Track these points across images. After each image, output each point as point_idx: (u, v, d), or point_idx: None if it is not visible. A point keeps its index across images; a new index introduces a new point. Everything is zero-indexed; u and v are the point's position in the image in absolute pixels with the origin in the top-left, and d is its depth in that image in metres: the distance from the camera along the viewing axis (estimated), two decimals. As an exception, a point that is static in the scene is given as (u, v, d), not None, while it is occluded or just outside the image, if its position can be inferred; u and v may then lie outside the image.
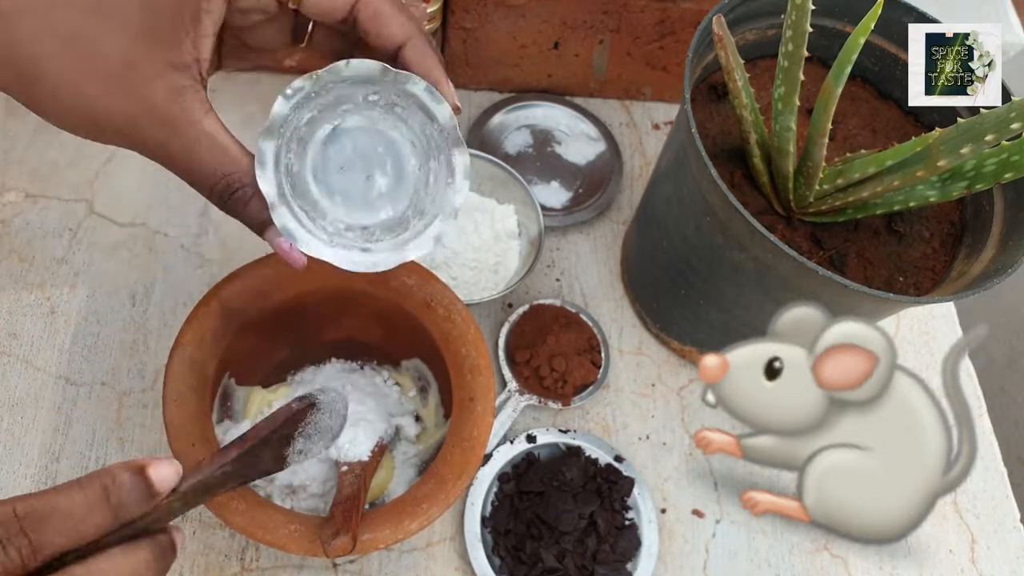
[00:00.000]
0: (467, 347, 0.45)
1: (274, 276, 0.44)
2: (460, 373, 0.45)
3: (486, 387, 0.44)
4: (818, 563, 0.56)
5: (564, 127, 0.71)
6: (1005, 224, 0.51)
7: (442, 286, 0.45)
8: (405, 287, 0.45)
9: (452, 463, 0.43)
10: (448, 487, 0.42)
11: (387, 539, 0.41)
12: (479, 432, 0.43)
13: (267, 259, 0.44)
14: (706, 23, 0.49)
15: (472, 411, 0.44)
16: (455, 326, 0.45)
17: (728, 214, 0.47)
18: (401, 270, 0.42)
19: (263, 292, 0.44)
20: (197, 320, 0.43)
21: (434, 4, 0.58)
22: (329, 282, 0.45)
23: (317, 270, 0.36)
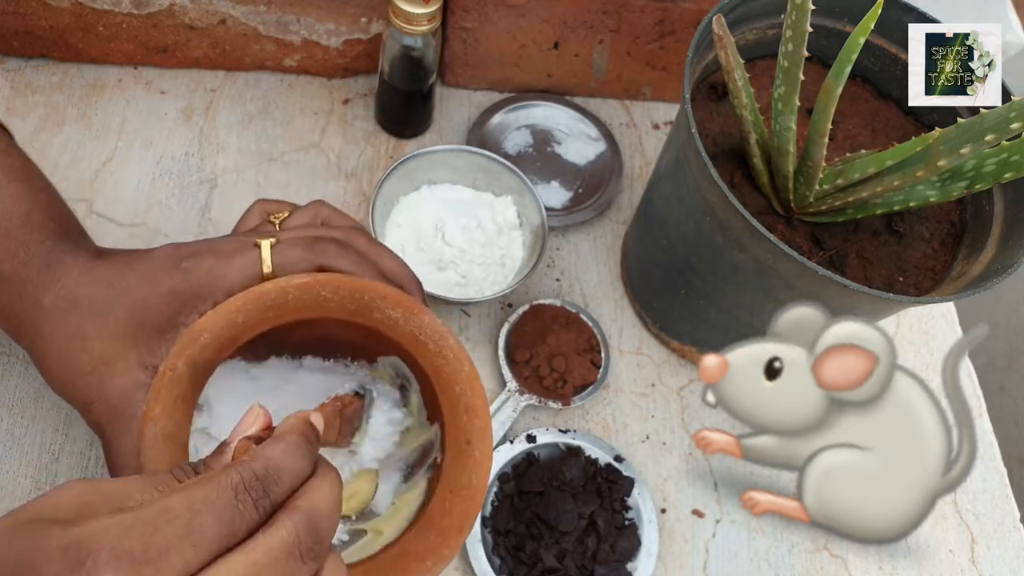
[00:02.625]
0: (461, 385, 0.41)
1: (244, 319, 0.39)
2: (455, 413, 0.42)
3: (482, 430, 0.41)
4: (818, 563, 0.56)
5: (564, 127, 0.71)
6: (1005, 224, 0.51)
7: (431, 319, 0.41)
8: (389, 320, 0.41)
9: (452, 514, 0.40)
10: (451, 541, 0.40)
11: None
12: (478, 480, 0.40)
13: (237, 303, 0.39)
14: (706, 23, 0.49)
15: (469, 456, 0.41)
16: (447, 363, 0.41)
17: (728, 214, 0.47)
18: (384, 303, 0.40)
19: (232, 337, 0.39)
20: (165, 389, 0.37)
21: (434, 4, 0.58)
22: (304, 315, 0.40)
23: (291, 304, 0.36)
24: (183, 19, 0.65)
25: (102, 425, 0.40)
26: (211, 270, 0.41)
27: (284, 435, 0.29)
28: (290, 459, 0.28)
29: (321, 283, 0.38)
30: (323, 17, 0.66)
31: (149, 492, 0.25)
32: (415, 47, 0.61)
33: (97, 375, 0.40)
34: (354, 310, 0.40)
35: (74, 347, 0.40)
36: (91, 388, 0.40)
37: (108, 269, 0.41)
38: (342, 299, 0.39)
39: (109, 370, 0.40)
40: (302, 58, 0.69)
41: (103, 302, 0.40)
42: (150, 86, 0.68)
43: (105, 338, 0.40)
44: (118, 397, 0.40)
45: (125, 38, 0.66)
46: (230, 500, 0.25)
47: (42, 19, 0.64)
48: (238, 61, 0.69)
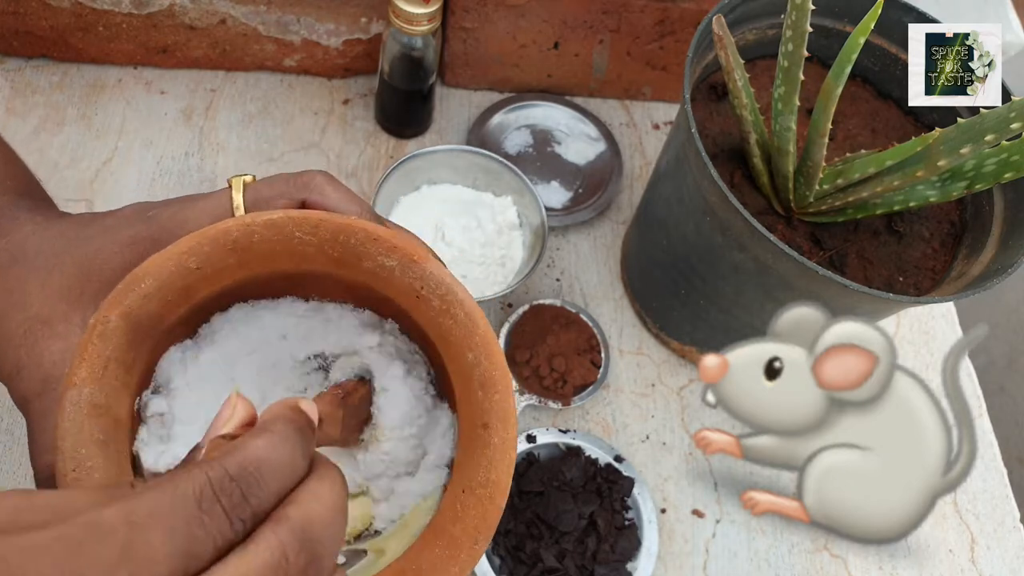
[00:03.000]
0: (475, 352, 0.32)
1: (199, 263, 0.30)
2: (468, 388, 0.32)
3: (504, 409, 0.31)
4: (818, 563, 0.56)
5: (564, 127, 0.71)
6: (1005, 224, 0.51)
7: (436, 267, 0.31)
8: (383, 270, 0.31)
9: (465, 519, 0.32)
10: (462, 555, 0.31)
11: None
12: (498, 475, 0.31)
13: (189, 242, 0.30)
14: (706, 23, 0.49)
15: (487, 444, 0.31)
16: (457, 323, 0.31)
17: (728, 214, 0.47)
18: (376, 247, 0.31)
19: (184, 288, 0.30)
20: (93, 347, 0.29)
21: (434, 4, 0.58)
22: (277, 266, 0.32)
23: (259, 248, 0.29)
24: (183, 19, 0.65)
25: (29, 399, 0.33)
26: (174, 215, 0.34)
27: (268, 424, 0.22)
28: (276, 453, 0.21)
29: (295, 221, 0.30)
30: (323, 17, 0.66)
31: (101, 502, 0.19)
32: (415, 47, 0.61)
33: (31, 337, 0.33)
34: (338, 257, 0.31)
35: (10, 303, 0.33)
36: (21, 352, 0.33)
37: (67, 224, 0.35)
38: (322, 242, 0.30)
39: (46, 331, 0.33)
40: (302, 58, 0.69)
41: (52, 255, 0.34)
42: (150, 86, 0.68)
43: (47, 295, 0.33)
44: (52, 363, 0.32)
45: (125, 38, 0.66)
46: (191, 512, 0.19)
47: (42, 19, 0.64)
48: (238, 61, 0.69)
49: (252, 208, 0.34)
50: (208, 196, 0.35)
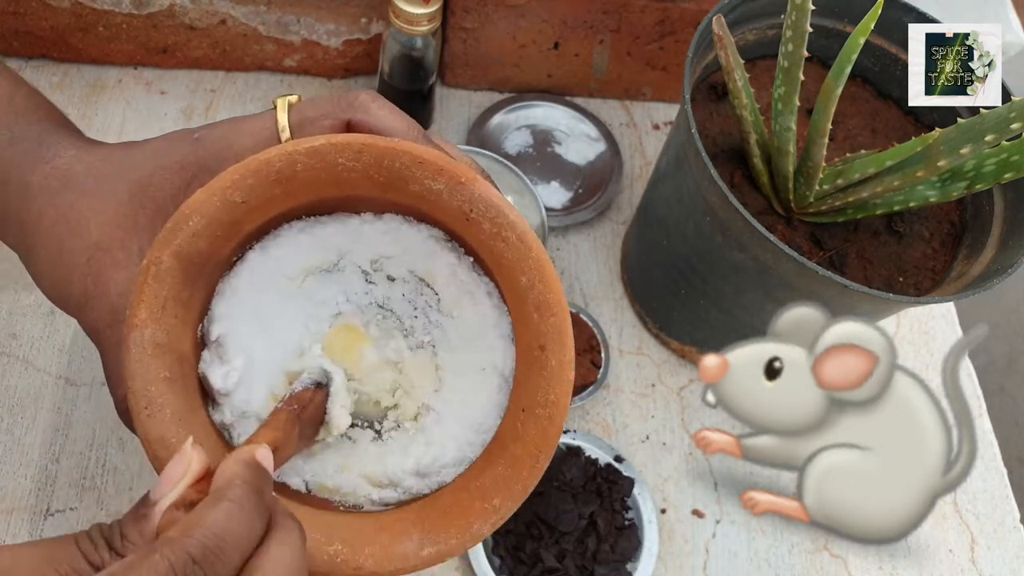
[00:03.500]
0: (528, 275, 0.31)
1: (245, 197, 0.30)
2: (523, 311, 0.32)
3: (560, 331, 0.31)
4: (818, 563, 0.56)
5: (564, 127, 0.71)
6: (1005, 224, 0.51)
7: (485, 189, 0.31)
8: (431, 193, 0.31)
9: (526, 438, 0.32)
10: (524, 473, 0.32)
11: (454, 549, 0.32)
12: (556, 395, 0.31)
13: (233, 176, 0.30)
14: (706, 23, 0.49)
15: (545, 365, 0.32)
16: (509, 246, 0.31)
17: (728, 214, 0.47)
18: (422, 171, 0.30)
19: (232, 222, 0.30)
20: (150, 288, 0.30)
21: (434, 4, 0.58)
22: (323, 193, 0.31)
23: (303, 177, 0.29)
24: (183, 19, 0.65)
25: (99, 330, 0.33)
26: (220, 139, 0.34)
27: (226, 490, 0.22)
28: (236, 524, 0.21)
29: (338, 147, 0.29)
30: (323, 17, 0.66)
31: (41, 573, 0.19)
32: (415, 47, 0.61)
33: (95, 265, 0.32)
34: (384, 182, 0.31)
35: (66, 231, 0.33)
36: (88, 282, 0.32)
37: (112, 148, 0.35)
38: (366, 167, 0.30)
39: (108, 259, 0.32)
40: (302, 58, 0.69)
41: (102, 179, 0.33)
42: (150, 86, 0.68)
43: (104, 222, 0.33)
44: (119, 294, 0.32)
45: (125, 38, 0.66)
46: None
47: (42, 19, 0.64)
48: (238, 61, 0.69)
49: (297, 128, 0.33)
50: (253, 118, 0.34)
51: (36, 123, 0.35)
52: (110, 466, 0.52)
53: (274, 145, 0.32)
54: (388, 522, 0.33)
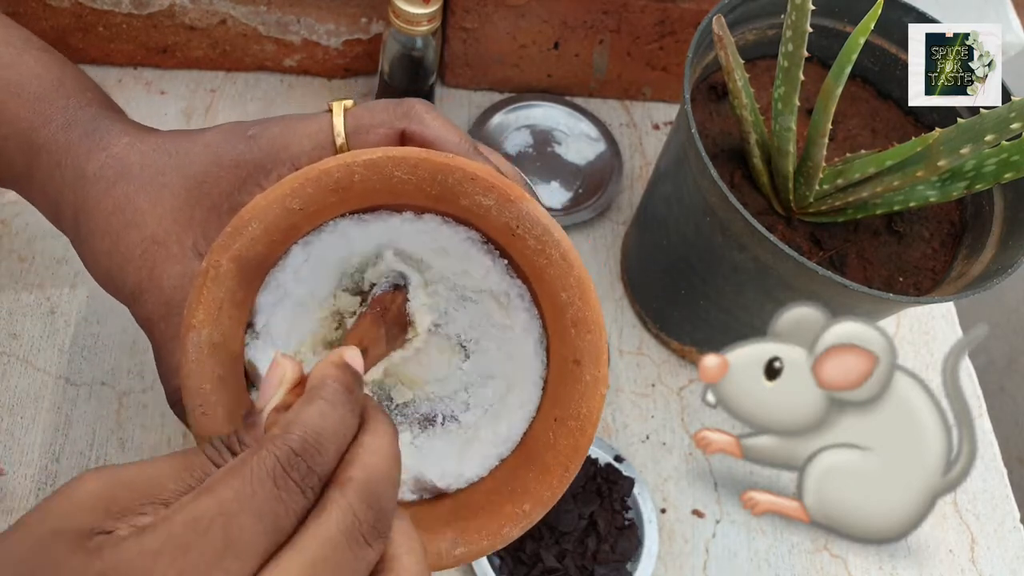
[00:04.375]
0: (568, 292, 0.32)
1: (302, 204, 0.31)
2: (560, 325, 0.33)
3: (596, 348, 0.33)
4: (818, 563, 0.56)
5: (564, 127, 0.71)
6: (1005, 224, 0.51)
7: (532, 207, 0.32)
8: (480, 208, 0.32)
9: (557, 447, 0.33)
10: (554, 481, 0.33)
11: (485, 550, 0.33)
12: (589, 409, 0.33)
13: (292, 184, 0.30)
14: (706, 23, 0.49)
15: (579, 379, 0.33)
16: (552, 263, 0.32)
17: (728, 214, 0.47)
18: (473, 187, 0.31)
19: (289, 227, 0.31)
20: (208, 291, 0.31)
21: (434, 4, 0.58)
22: (375, 201, 0.33)
23: (359, 187, 0.30)
24: (183, 19, 0.65)
25: (153, 322, 0.34)
26: (275, 139, 0.34)
27: (318, 390, 0.24)
28: (330, 420, 0.23)
29: (395, 160, 0.30)
30: (323, 17, 0.66)
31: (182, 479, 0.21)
32: (415, 47, 0.61)
33: (149, 258, 0.33)
34: (436, 195, 0.32)
35: (123, 222, 0.33)
36: (142, 274, 0.33)
37: (166, 138, 0.35)
38: (420, 180, 0.31)
39: (162, 253, 0.33)
40: (302, 58, 0.69)
41: (158, 172, 0.34)
42: (150, 86, 0.68)
43: (160, 216, 0.33)
44: (173, 288, 0.33)
45: (125, 38, 0.66)
46: (270, 491, 0.21)
47: (42, 19, 0.64)
48: (238, 61, 0.69)
49: (353, 133, 0.34)
50: (309, 119, 0.35)
51: (87, 106, 0.35)
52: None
53: (329, 149, 0.34)
54: (423, 518, 0.34)
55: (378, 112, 0.34)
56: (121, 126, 0.35)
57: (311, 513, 0.21)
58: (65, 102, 0.35)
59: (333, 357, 0.25)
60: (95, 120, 0.35)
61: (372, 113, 0.34)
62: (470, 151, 0.34)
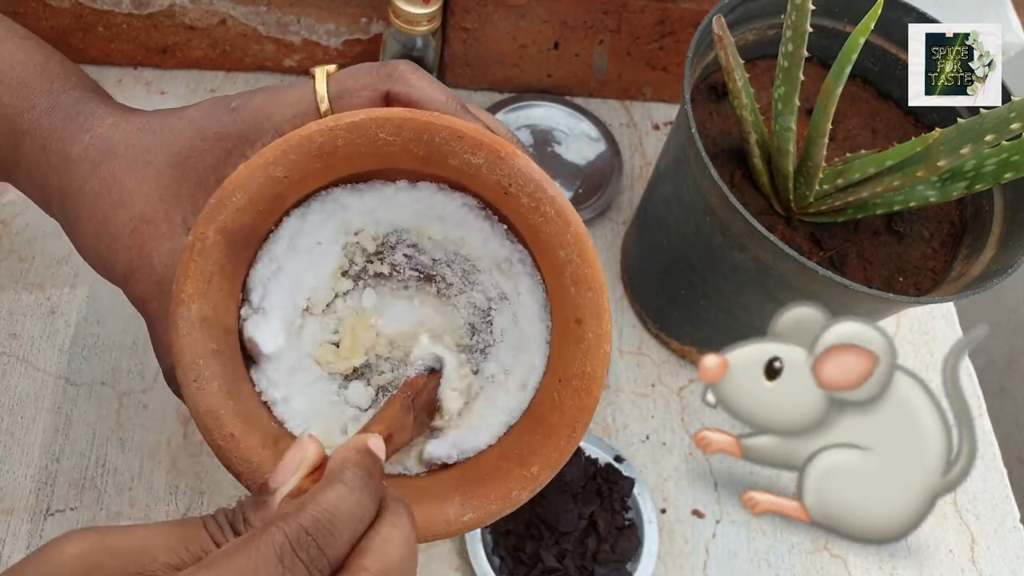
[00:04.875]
0: (566, 249, 0.31)
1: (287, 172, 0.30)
2: (560, 285, 0.32)
3: (597, 305, 0.32)
4: (818, 563, 0.56)
5: (564, 127, 0.71)
6: (1005, 224, 0.51)
7: (524, 163, 0.31)
8: (470, 167, 0.31)
9: (563, 408, 0.33)
10: (561, 443, 0.32)
11: (495, 514, 0.33)
12: (593, 368, 0.32)
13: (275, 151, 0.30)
14: (706, 23, 0.49)
15: (582, 338, 0.32)
16: (547, 220, 0.31)
17: (728, 214, 0.47)
18: (461, 145, 0.30)
19: (275, 196, 0.31)
20: (196, 264, 0.30)
21: (434, 4, 0.58)
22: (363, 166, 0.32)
23: (344, 152, 0.29)
24: (183, 19, 0.65)
25: (146, 301, 0.34)
26: (258, 109, 0.34)
27: (338, 473, 0.23)
28: (347, 504, 0.22)
29: (378, 122, 0.30)
30: (323, 17, 0.66)
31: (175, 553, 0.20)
32: (415, 47, 0.61)
33: (139, 237, 0.33)
34: (424, 156, 0.31)
35: (109, 202, 0.33)
36: (132, 253, 0.33)
37: (150, 117, 0.35)
38: (407, 141, 0.30)
39: (151, 231, 0.33)
40: (302, 58, 0.69)
41: (143, 149, 0.33)
42: (150, 86, 0.68)
43: (146, 193, 0.33)
44: (164, 266, 0.33)
45: (125, 38, 0.66)
46: (275, 570, 0.20)
47: (42, 19, 0.64)
48: (238, 61, 0.69)
49: (336, 99, 0.33)
50: (291, 88, 0.34)
51: (71, 89, 0.35)
52: (110, 466, 0.52)
53: (312, 115, 0.33)
54: (430, 487, 0.34)
55: (361, 75, 0.33)
56: (105, 108, 0.35)
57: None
58: (48, 86, 0.35)
59: (356, 442, 0.25)
60: (78, 103, 0.35)
61: (355, 76, 0.33)
62: (457, 110, 0.33)
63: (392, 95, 0.33)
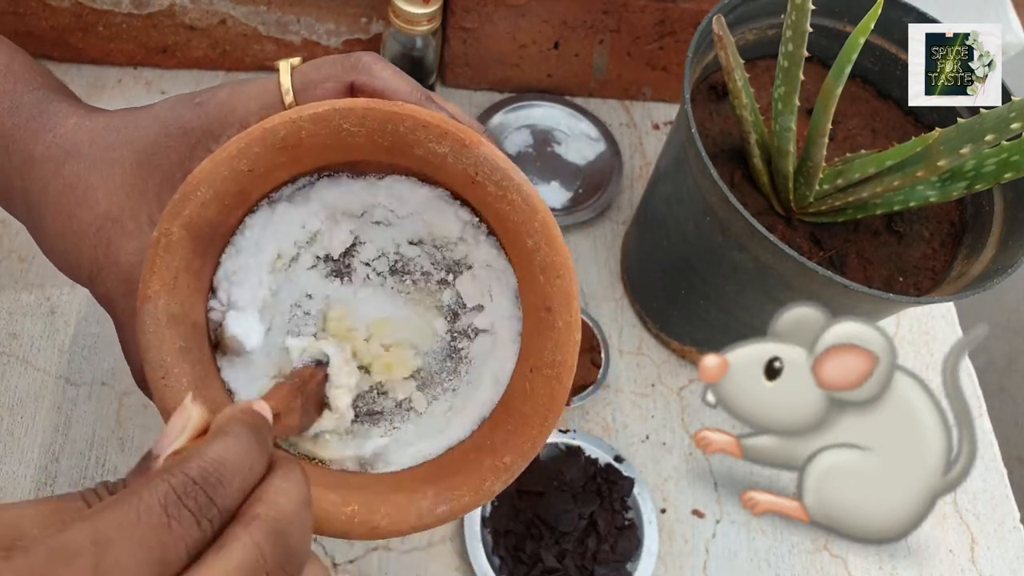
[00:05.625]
0: (534, 238, 0.31)
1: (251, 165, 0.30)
2: (529, 272, 0.32)
3: (566, 293, 0.31)
4: (818, 563, 0.56)
5: (564, 127, 0.71)
6: (1005, 224, 0.51)
7: (489, 151, 0.30)
8: (436, 156, 0.31)
9: (534, 397, 0.32)
10: (533, 432, 0.32)
11: (468, 506, 0.32)
12: (563, 355, 0.32)
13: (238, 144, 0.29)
14: (706, 23, 0.49)
15: (551, 326, 0.32)
16: (514, 208, 0.31)
17: (728, 214, 0.47)
18: (426, 134, 0.30)
19: (240, 191, 0.30)
20: (161, 260, 0.30)
21: (434, 4, 0.58)
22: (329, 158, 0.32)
23: (308, 144, 0.29)
24: (183, 19, 0.65)
25: (113, 300, 0.33)
26: (223, 103, 0.33)
27: (223, 427, 0.22)
28: (234, 453, 0.21)
29: (341, 112, 0.29)
30: (323, 17, 0.66)
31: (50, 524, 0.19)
32: (415, 47, 0.61)
33: (104, 235, 0.32)
34: (389, 146, 0.30)
35: (74, 201, 0.33)
36: (98, 252, 0.33)
37: (114, 115, 0.34)
38: (371, 132, 0.30)
39: (117, 229, 0.32)
40: (302, 58, 0.69)
41: (107, 147, 0.33)
42: (150, 86, 0.68)
43: (111, 191, 0.33)
44: (130, 264, 0.32)
45: (125, 38, 0.66)
46: (159, 520, 0.18)
47: (42, 19, 0.64)
48: (238, 61, 0.69)
49: (300, 91, 0.33)
50: (255, 81, 0.34)
51: (35, 90, 0.35)
52: (110, 466, 0.52)
53: (277, 108, 0.33)
54: (403, 481, 0.33)
55: (325, 67, 0.33)
56: (69, 107, 0.34)
57: (209, 549, 0.19)
58: (12, 87, 0.34)
59: (241, 405, 0.24)
60: (41, 103, 0.34)
61: (319, 68, 0.33)
62: (422, 100, 0.33)
63: (357, 86, 0.33)
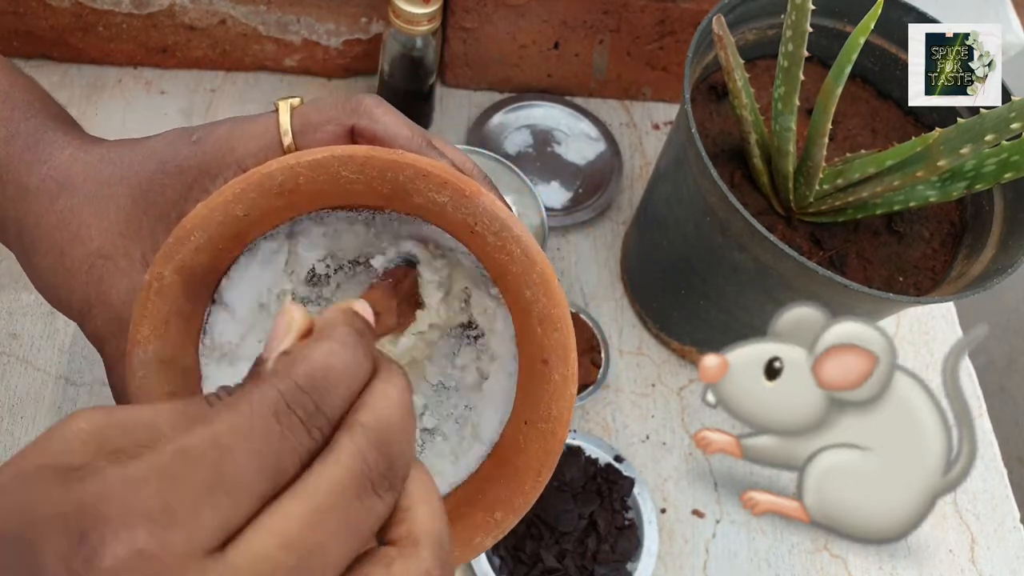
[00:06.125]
0: (532, 289, 0.31)
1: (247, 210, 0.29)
2: (527, 324, 0.32)
3: (563, 346, 0.31)
4: (818, 563, 0.56)
5: (564, 127, 0.71)
6: (1005, 224, 0.51)
7: (489, 202, 0.30)
8: (435, 205, 0.30)
9: (528, 452, 0.32)
10: (526, 487, 0.32)
11: (456, 561, 0.32)
12: (559, 410, 0.31)
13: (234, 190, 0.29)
14: (706, 23, 0.49)
15: (548, 379, 0.31)
16: (513, 260, 0.31)
17: (728, 214, 0.47)
18: (426, 183, 0.30)
19: (235, 236, 0.30)
20: (152, 304, 0.29)
21: (434, 4, 0.58)
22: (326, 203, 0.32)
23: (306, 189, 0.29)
24: (183, 19, 0.65)
25: (104, 339, 0.33)
26: (220, 141, 0.33)
27: (327, 331, 0.22)
28: (340, 359, 0.21)
29: (341, 159, 0.29)
30: (323, 17, 0.66)
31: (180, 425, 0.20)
32: (415, 47, 0.61)
33: (96, 273, 0.32)
34: (389, 194, 0.30)
35: (67, 237, 0.32)
36: (90, 290, 0.32)
37: (111, 147, 0.34)
38: (370, 179, 0.30)
39: (110, 267, 0.32)
40: (302, 58, 0.69)
41: (102, 183, 0.33)
42: (150, 86, 0.68)
43: (105, 228, 0.32)
44: (122, 303, 0.32)
45: (125, 38, 0.66)
46: (270, 426, 0.19)
47: (42, 19, 0.64)
48: (238, 61, 0.69)
49: (299, 133, 0.33)
50: (254, 120, 0.34)
51: (31, 118, 0.34)
52: (110, 466, 0.52)
53: (276, 149, 0.33)
54: None
55: (326, 109, 0.33)
56: (65, 137, 0.34)
57: (317, 457, 0.20)
58: (10, 115, 0.34)
59: (342, 306, 0.23)
60: (37, 132, 0.34)
61: (320, 110, 0.33)
62: (423, 146, 0.33)
63: (357, 130, 0.33)
